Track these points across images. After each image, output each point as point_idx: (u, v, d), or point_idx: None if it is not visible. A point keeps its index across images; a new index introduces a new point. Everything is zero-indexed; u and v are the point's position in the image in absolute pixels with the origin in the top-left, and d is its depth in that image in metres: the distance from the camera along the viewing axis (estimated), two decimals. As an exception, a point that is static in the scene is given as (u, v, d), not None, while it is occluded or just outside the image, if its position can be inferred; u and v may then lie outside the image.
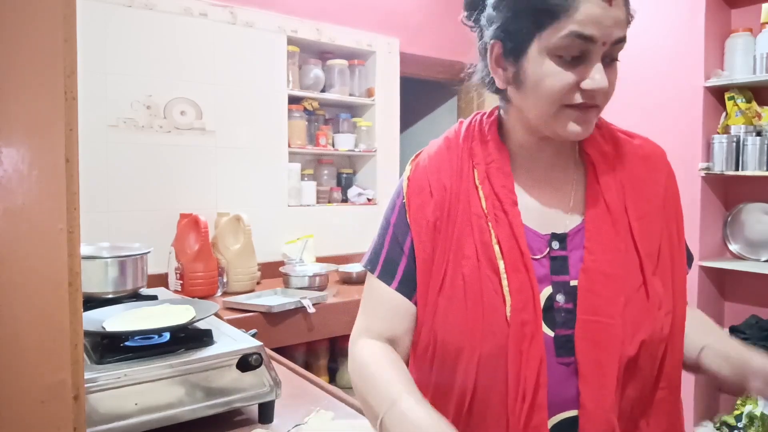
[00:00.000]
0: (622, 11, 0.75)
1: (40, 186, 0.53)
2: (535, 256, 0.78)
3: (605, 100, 0.77)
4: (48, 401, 0.54)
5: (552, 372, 0.74)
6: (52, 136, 0.53)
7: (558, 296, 0.77)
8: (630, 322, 0.74)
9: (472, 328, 0.76)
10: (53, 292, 0.54)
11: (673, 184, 0.86)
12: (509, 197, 0.80)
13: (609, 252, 0.77)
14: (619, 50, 0.76)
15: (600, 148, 0.84)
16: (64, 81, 0.53)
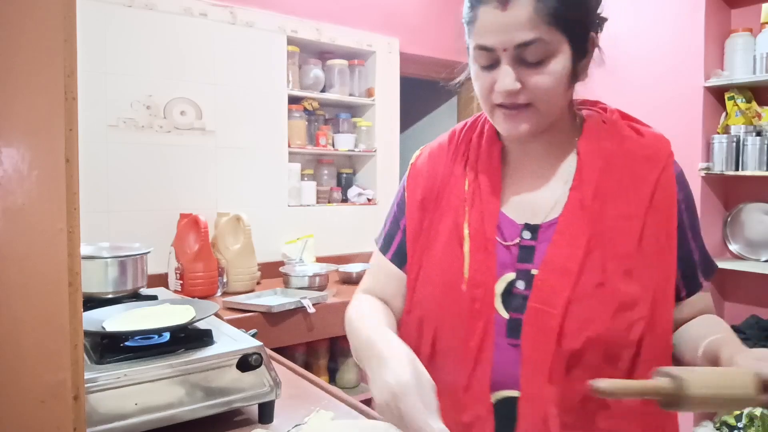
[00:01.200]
0: (526, 10, 0.74)
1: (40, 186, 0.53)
2: (506, 242, 0.83)
3: (535, 99, 0.78)
4: (48, 401, 0.54)
5: (501, 351, 0.80)
6: (52, 136, 0.53)
7: (518, 282, 0.81)
8: (578, 317, 0.76)
9: (434, 299, 0.84)
10: (53, 292, 0.54)
11: (670, 186, 0.82)
12: (489, 185, 0.86)
13: (572, 248, 0.78)
14: (534, 52, 0.75)
15: (597, 145, 0.84)
16: (64, 81, 0.53)
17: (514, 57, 0.76)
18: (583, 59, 0.82)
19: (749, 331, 2.56)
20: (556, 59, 0.77)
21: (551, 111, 0.81)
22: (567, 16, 0.75)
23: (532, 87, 0.77)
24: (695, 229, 0.85)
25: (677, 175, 0.84)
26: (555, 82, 0.78)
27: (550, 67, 0.77)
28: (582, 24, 0.79)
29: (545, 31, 0.74)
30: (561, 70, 0.77)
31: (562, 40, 0.76)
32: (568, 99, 0.85)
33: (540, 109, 0.79)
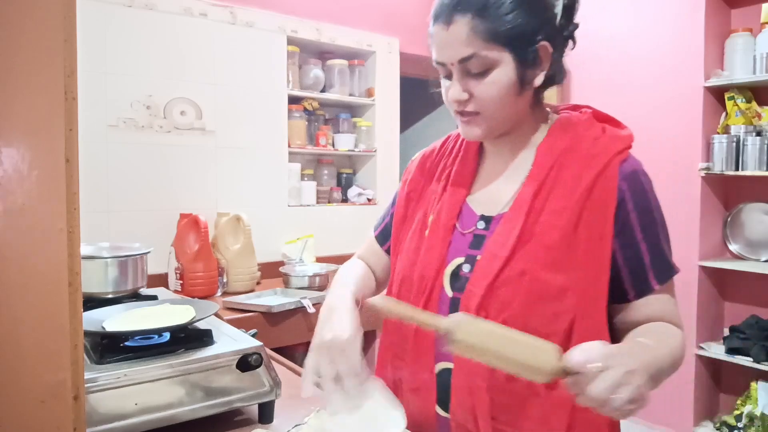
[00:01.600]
0: (464, 28, 0.82)
1: (40, 186, 0.53)
2: (463, 230, 0.93)
3: (482, 107, 0.86)
4: (48, 401, 0.54)
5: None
6: (52, 136, 0.53)
7: (465, 266, 0.90)
8: (498, 300, 0.83)
9: (400, 278, 0.97)
10: (53, 292, 0.54)
11: (610, 183, 0.84)
12: (459, 180, 0.96)
13: (508, 237, 0.85)
14: (477, 65, 0.84)
15: (553, 144, 0.89)
16: (64, 81, 0.53)
17: (461, 70, 0.85)
18: (530, 68, 0.86)
19: (749, 331, 2.56)
20: (497, 71, 0.84)
21: (501, 117, 0.88)
22: (503, 33, 0.82)
23: (478, 96, 0.86)
24: (649, 230, 0.85)
25: (628, 173, 0.85)
26: (498, 91, 0.85)
27: (491, 77, 0.84)
28: (523, 37, 0.84)
29: (482, 47, 0.83)
30: (503, 79, 0.84)
31: (503, 53, 0.83)
32: (523, 104, 0.90)
33: (487, 116, 0.87)
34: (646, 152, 3.35)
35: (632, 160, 0.88)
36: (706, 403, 2.78)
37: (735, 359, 2.53)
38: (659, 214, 0.88)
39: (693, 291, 2.70)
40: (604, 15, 3.02)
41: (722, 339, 2.69)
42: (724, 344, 2.63)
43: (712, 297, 2.78)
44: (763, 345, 2.46)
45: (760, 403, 2.46)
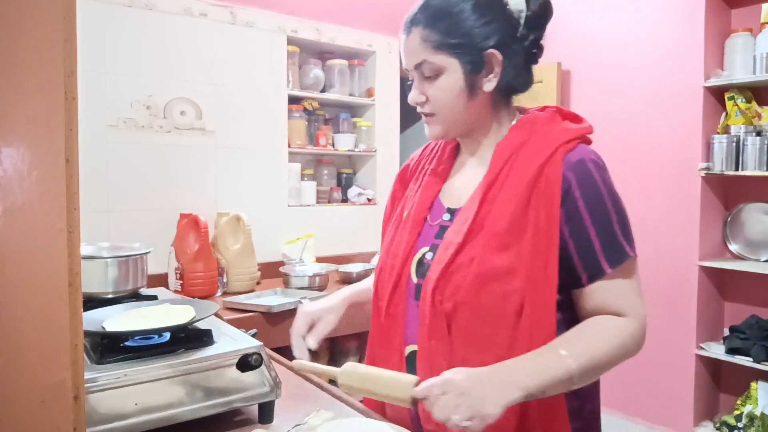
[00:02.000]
0: (416, 38, 0.94)
1: (40, 186, 0.53)
2: (432, 222, 1.01)
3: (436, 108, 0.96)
4: (48, 401, 0.54)
5: (411, 311, 0.97)
6: (52, 136, 0.53)
7: (428, 254, 0.97)
8: (452, 284, 0.90)
9: (377, 268, 1.06)
10: (53, 292, 0.54)
11: (555, 172, 0.88)
12: (433, 177, 1.05)
13: (462, 226, 0.93)
14: (429, 69, 0.94)
15: (510, 141, 0.96)
16: (64, 81, 0.53)
17: (417, 75, 0.96)
18: (478, 75, 0.94)
19: (749, 331, 2.56)
20: (445, 76, 0.93)
21: (455, 118, 0.97)
22: (449, 42, 0.92)
23: (431, 99, 0.96)
24: (599, 215, 0.88)
25: (574, 162, 0.89)
26: (447, 95, 0.94)
27: (440, 82, 0.94)
28: (469, 46, 0.92)
29: (431, 54, 0.93)
30: (451, 84, 0.93)
31: (450, 59, 0.92)
32: (479, 108, 0.97)
33: (441, 117, 0.97)
34: (646, 152, 3.37)
35: (582, 150, 0.92)
36: (706, 403, 2.78)
37: (735, 359, 2.53)
38: (612, 200, 0.90)
39: (693, 291, 2.70)
40: (604, 15, 3.02)
41: (722, 339, 2.69)
42: (724, 344, 2.63)
43: (712, 297, 2.78)
44: (763, 345, 2.46)
45: (760, 403, 2.46)
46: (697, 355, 2.70)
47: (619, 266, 0.88)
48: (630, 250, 0.90)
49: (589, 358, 0.84)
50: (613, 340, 0.86)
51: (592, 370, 0.85)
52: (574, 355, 0.83)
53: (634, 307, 0.89)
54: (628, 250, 0.90)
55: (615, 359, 0.87)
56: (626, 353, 0.88)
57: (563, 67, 3.18)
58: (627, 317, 0.89)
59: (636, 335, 0.89)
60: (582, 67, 3.15)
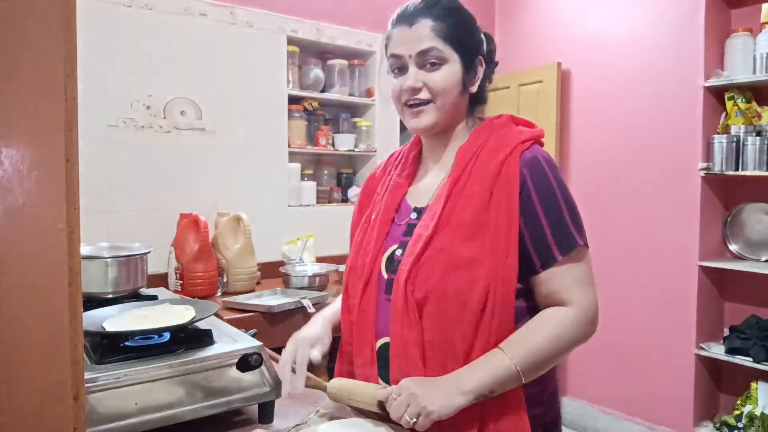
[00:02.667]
0: (426, 28, 1.01)
1: (40, 186, 0.53)
2: (400, 222, 1.08)
3: (435, 95, 1.01)
4: (48, 401, 0.54)
5: (382, 306, 1.02)
6: (52, 136, 0.53)
7: (398, 251, 1.04)
8: (422, 274, 0.97)
9: (347, 269, 1.12)
10: (53, 292, 0.54)
11: (513, 168, 0.97)
12: (399, 181, 1.12)
13: (430, 221, 0.99)
14: (432, 57, 1.01)
15: (471, 143, 1.04)
16: (64, 81, 0.53)
17: (417, 62, 1.02)
18: (470, 74, 1.05)
19: (749, 330, 2.56)
20: (448, 65, 1.01)
21: (447, 108, 1.03)
22: (455, 37, 1.01)
23: (431, 84, 1.01)
24: (550, 206, 0.96)
25: (528, 159, 0.98)
26: (447, 83, 1.01)
27: (443, 70, 1.01)
28: (470, 48, 1.04)
29: (439, 44, 1.00)
30: (452, 74, 1.02)
31: (453, 53, 1.02)
32: (462, 105, 1.07)
33: (437, 104, 1.02)
34: (646, 152, 3.37)
35: (536, 149, 1.01)
36: (706, 403, 2.78)
37: (735, 359, 2.53)
38: (562, 193, 0.98)
39: (693, 291, 2.71)
40: (605, 15, 3.02)
41: (722, 339, 2.69)
42: (724, 344, 2.63)
43: (712, 297, 2.78)
44: (763, 345, 2.46)
45: (760, 403, 2.46)
46: (697, 355, 2.70)
47: (569, 253, 0.95)
48: (579, 238, 0.97)
49: (534, 355, 0.93)
50: (556, 332, 0.94)
51: (538, 364, 0.94)
52: (519, 354, 0.92)
53: (581, 295, 0.96)
54: (578, 238, 0.96)
55: (560, 351, 0.95)
56: (571, 343, 0.96)
57: (563, 67, 3.18)
58: (572, 306, 0.95)
59: (580, 323, 0.96)
60: (582, 67, 3.14)
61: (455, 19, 1.03)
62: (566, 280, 0.96)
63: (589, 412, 3.11)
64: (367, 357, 1.02)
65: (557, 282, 0.96)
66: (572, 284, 0.96)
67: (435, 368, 0.95)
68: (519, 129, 1.04)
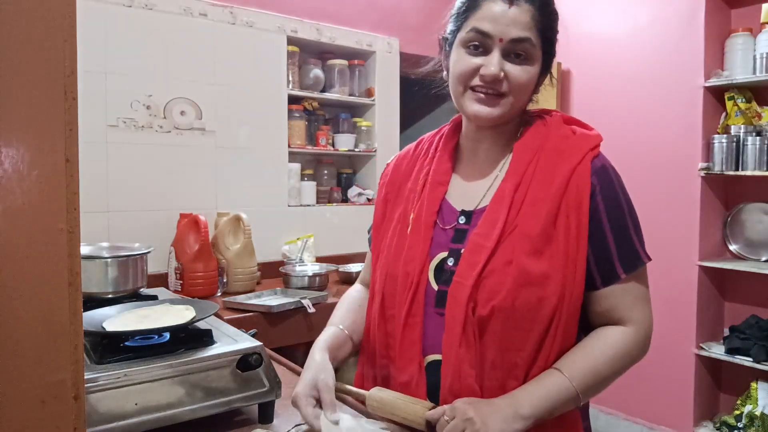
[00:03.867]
0: (527, 14, 0.89)
1: (40, 186, 0.53)
2: (444, 226, 0.97)
3: (512, 90, 0.91)
4: (48, 401, 0.54)
5: (431, 319, 0.93)
6: (52, 136, 0.53)
7: (449, 260, 0.94)
8: (487, 289, 0.87)
9: (383, 275, 1.00)
10: (53, 292, 0.54)
11: (584, 177, 0.89)
12: (437, 178, 1.00)
13: (492, 229, 0.89)
14: (523, 49, 0.90)
15: (528, 144, 0.95)
16: (64, 81, 0.53)
17: (505, 49, 0.90)
18: (544, 74, 0.97)
19: (749, 330, 2.56)
20: (533, 62, 0.92)
21: (519, 105, 0.94)
22: (549, 33, 0.93)
23: (513, 78, 0.90)
24: (616, 220, 0.90)
25: (598, 168, 0.91)
26: (529, 80, 0.92)
27: (527, 66, 0.91)
28: (553, 46, 0.95)
29: (534, 36, 0.90)
30: (533, 72, 0.92)
31: (540, 51, 0.92)
32: (525, 105, 0.98)
33: (513, 99, 0.92)
34: (646, 152, 3.37)
35: (602, 157, 0.94)
36: (706, 403, 2.78)
37: (735, 359, 2.53)
38: (628, 206, 0.92)
39: (693, 291, 2.71)
40: (605, 15, 3.02)
41: (722, 339, 2.69)
42: (724, 344, 2.63)
43: (712, 297, 2.78)
44: (763, 345, 2.46)
45: (760, 403, 2.46)
46: (697, 355, 2.70)
47: (634, 272, 0.90)
48: (644, 256, 0.92)
49: (593, 375, 0.87)
50: (616, 353, 0.89)
51: (596, 385, 0.88)
52: (578, 376, 0.86)
53: (641, 314, 0.91)
54: (643, 256, 0.91)
55: (619, 371, 0.90)
56: (630, 363, 0.91)
57: (563, 67, 3.18)
58: (632, 325, 0.90)
59: (640, 343, 0.91)
60: (582, 67, 3.14)
61: (553, 12, 0.93)
62: (627, 299, 0.90)
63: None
64: (413, 374, 0.93)
65: (618, 300, 0.90)
66: (632, 303, 0.90)
67: (493, 390, 0.88)
68: (583, 133, 0.96)
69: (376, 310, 1.00)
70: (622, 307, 0.90)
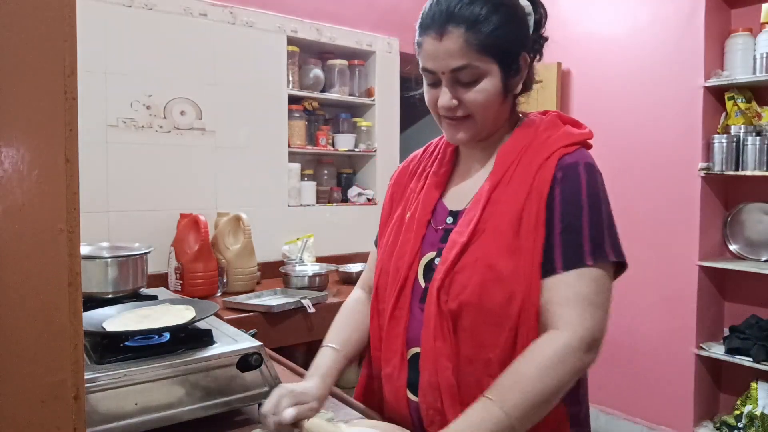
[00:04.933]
0: (457, 41, 0.88)
1: (40, 186, 0.53)
2: (437, 226, 1.00)
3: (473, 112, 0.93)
4: (48, 401, 0.54)
5: (415, 314, 0.96)
6: (52, 136, 0.53)
7: (437, 259, 0.96)
8: (457, 284, 0.90)
9: (380, 271, 1.04)
10: (53, 292, 0.54)
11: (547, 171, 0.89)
12: (435, 180, 1.04)
13: (465, 227, 0.93)
14: (465, 75, 0.90)
15: (514, 144, 0.96)
16: (64, 81, 0.53)
17: (451, 79, 0.91)
18: (514, 77, 0.95)
19: (749, 331, 2.55)
20: (486, 80, 0.91)
21: (487, 121, 0.95)
22: (493, 45, 0.89)
23: (467, 103, 0.92)
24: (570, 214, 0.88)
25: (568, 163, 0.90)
26: (486, 99, 0.92)
27: (481, 86, 0.91)
28: (509, 50, 0.92)
29: (475, 58, 0.89)
30: (491, 88, 0.92)
31: (491, 63, 0.90)
32: (506, 110, 0.99)
33: (477, 120, 0.94)
34: (646, 152, 3.36)
35: (580, 154, 0.92)
36: (706, 403, 2.78)
37: (735, 359, 2.53)
38: (591, 206, 0.88)
39: (693, 291, 2.71)
40: (605, 15, 3.02)
41: (722, 339, 2.69)
42: (724, 344, 2.63)
43: (712, 297, 2.78)
44: (763, 345, 2.46)
45: (760, 403, 2.46)
46: (697, 355, 2.70)
47: (573, 270, 0.86)
48: (590, 260, 0.86)
49: (527, 400, 0.80)
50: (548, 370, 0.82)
51: (535, 408, 0.81)
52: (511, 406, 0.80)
53: (577, 317, 0.85)
54: (587, 259, 0.86)
55: (558, 387, 0.83)
56: (568, 376, 0.84)
57: (563, 67, 3.18)
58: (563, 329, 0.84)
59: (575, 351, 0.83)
60: (582, 67, 3.14)
61: (489, 24, 0.88)
62: (560, 295, 0.86)
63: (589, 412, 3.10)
64: (396, 366, 0.96)
65: (552, 294, 0.86)
66: (567, 301, 0.85)
67: (469, 385, 0.89)
68: (566, 130, 0.95)
69: (372, 304, 1.05)
70: (556, 304, 0.86)
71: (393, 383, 0.97)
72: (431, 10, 0.91)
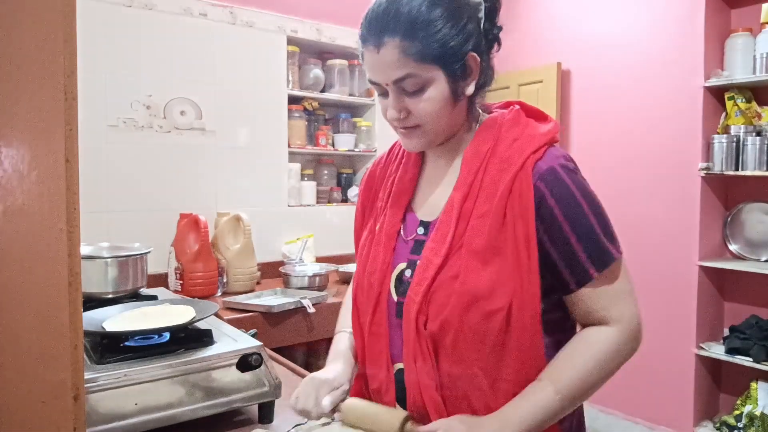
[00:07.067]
0: (394, 51, 0.85)
1: (40, 186, 0.53)
2: (407, 237, 0.97)
3: (422, 120, 0.90)
4: (48, 401, 0.54)
5: (394, 329, 0.93)
6: (52, 136, 0.53)
7: (407, 271, 0.94)
8: (435, 304, 0.87)
9: (355, 286, 1.02)
10: (53, 292, 0.54)
11: (526, 182, 0.86)
12: (400, 187, 1.00)
13: (441, 245, 0.89)
14: (408, 84, 0.87)
15: (478, 149, 0.92)
16: (64, 81, 0.53)
17: (396, 89, 0.88)
18: (463, 80, 0.90)
19: (749, 330, 2.55)
20: (432, 87, 0.87)
21: (439, 128, 0.92)
22: (433, 52, 0.85)
23: (415, 111, 0.89)
24: (577, 220, 0.86)
25: (544, 171, 0.86)
26: (434, 107, 0.88)
27: (426, 94, 0.88)
28: (452, 53, 0.87)
29: (414, 67, 0.85)
30: (438, 95, 0.88)
31: (435, 70, 0.86)
32: (461, 113, 0.94)
33: (427, 128, 0.91)
34: (646, 152, 3.36)
35: (550, 155, 0.88)
36: (706, 403, 2.78)
37: (735, 359, 2.53)
38: (589, 203, 0.87)
39: (693, 291, 2.70)
40: (605, 15, 3.02)
41: (722, 339, 2.69)
42: (724, 344, 2.63)
43: (712, 297, 2.78)
44: (763, 345, 2.46)
45: (760, 403, 2.46)
46: (697, 355, 2.69)
47: (606, 269, 0.87)
48: (615, 251, 0.88)
49: (579, 384, 0.85)
50: (601, 357, 0.86)
51: (583, 393, 0.86)
52: (564, 387, 0.84)
53: (624, 310, 0.88)
54: (613, 252, 0.87)
55: (606, 374, 0.87)
56: (617, 364, 0.88)
57: (563, 67, 3.18)
58: (615, 324, 0.88)
59: (627, 341, 0.88)
60: (582, 67, 3.14)
61: (425, 30, 0.84)
62: (605, 298, 0.87)
63: (588, 412, 3.10)
64: (383, 381, 0.95)
65: (595, 300, 0.87)
66: (611, 301, 0.87)
67: (457, 399, 0.88)
68: (530, 131, 0.91)
69: (354, 317, 1.02)
70: (602, 308, 0.87)
71: (382, 398, 0.96)
72: (367, 20, 0.88)
